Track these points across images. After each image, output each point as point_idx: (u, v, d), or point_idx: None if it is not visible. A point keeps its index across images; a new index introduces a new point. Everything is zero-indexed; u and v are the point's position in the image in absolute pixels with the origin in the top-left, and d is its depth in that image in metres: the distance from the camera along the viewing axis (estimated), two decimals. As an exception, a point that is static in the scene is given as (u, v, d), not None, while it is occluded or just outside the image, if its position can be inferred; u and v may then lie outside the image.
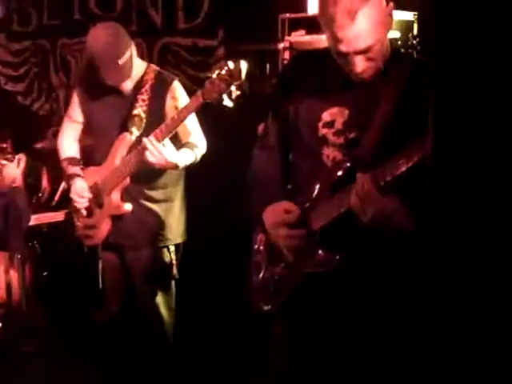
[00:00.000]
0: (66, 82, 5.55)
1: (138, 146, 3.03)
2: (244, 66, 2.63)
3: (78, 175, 3.27)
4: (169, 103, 3.13)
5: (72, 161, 3.34)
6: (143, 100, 3.11)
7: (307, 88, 2.09)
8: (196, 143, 3.15)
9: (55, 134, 3.95)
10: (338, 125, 2.01)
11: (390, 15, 1.95)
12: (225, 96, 2.69)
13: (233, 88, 2.67)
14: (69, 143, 3.37)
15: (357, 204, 1.86)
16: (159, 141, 2.91)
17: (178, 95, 3.15)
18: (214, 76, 2.70)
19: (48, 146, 4.59)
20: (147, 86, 3.13)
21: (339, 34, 1.87)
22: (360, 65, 1.92)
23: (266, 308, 2.14)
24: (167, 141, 2.95)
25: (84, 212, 3.26)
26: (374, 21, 1.86)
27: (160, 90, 3.13)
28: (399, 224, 1.86)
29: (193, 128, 3.16)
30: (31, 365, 3.93)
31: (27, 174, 4.49)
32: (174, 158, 2.98)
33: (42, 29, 5.57)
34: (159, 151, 2.90)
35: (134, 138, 3.11)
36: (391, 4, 1.95)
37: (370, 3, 1.85)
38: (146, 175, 3.15)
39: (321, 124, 2.03)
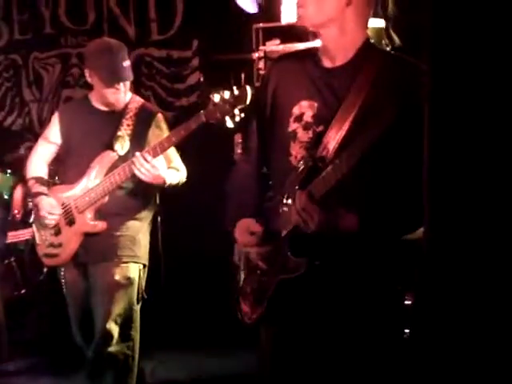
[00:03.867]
0: (38, 97, 5.49)
1: (122, 163, 3.07)
2: (249, 91, 2.70)
3: (45, 194, 3.24)
4: (153, 131, 3.21)
5: (38, 180, 3.31)
6: (128, 125, 3.19)
7: (282, 87, 2.12)
8: (179, 168, 3.26)
9: (28, 150, 3.91)
10: (308, 118, 2.03)
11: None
12: (227, 118, 2.76)
13: (236, 111, 2.73)
14: (38, 163, 3.36)
15: (297, 219, 1.92)
16: (153, 157, 2.98)
17: (163, 126, 3.25)
18: (218, 99, 2.76)
19: (20, 160, 4.54)
20: (132, 114, 3.21)
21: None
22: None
23: (250, 321, 2.15)
24: (160, 157, 3.03)
25: (51, 230, 3.22)
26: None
27: (145, 119, 3.22)
28: (342, 227, 1.92)
29: (174, 155, 3.25)
30: (11, 383, 3.87)
31: (2, 190, 4.42)
32: (163, 174, 3.07)
33: (13, 43, 5.52)
34: (152, 165, 2.97)
35: (117, 157, 3.14)
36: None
37: None
38: (126, 193, 3.17)
39: (292, 119, 2.05)
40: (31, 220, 3.44)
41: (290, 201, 2.01)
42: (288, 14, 3.85)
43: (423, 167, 1.12)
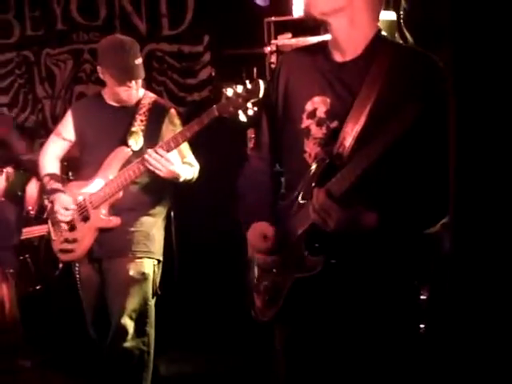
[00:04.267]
0: (51, 93, 5.51)
1: (136, 159, 3.09)
2: (262, 84, 2.69)
3: (61, 190, 3.26)
4: (166, 127, 3.22)
5: (53, 177, 3.33)
6: (141, 120, 3.20)
7: (293, 82, 2.09)
8: (192, 163, 3.27)
9: (42, 146, 3.93)
10: (321, 113, 2.00)
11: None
12: (240, 112, 2.76)
13: (249, 105, 2.71)
14: (50, 160, 3.37)
15: (316, 218, 1.88)
16: (167, 151, 3.00)
17: (176, 121, 3.26)
18: (230, 94, 2.76)
19: (36, 157, 4.55)
20: (145, 109, 3.23)
21: None
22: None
23: (264, 319, 2.14)
24: (173, 152, 3.05)
25: (65, 226, 3.23)
26: None
27: (158, 114, 3.23)
28: (361, 224, 1.88)
29: (187, 151, 3.27)
30: (28, 379, 3.89)
31: (16, 187, 4.44)
32: (177, 169, 3.09)
33: (25, 40, 5.53)
34: (166, 159, 3.00)
35: (131, 152, 3.16)
36: None
37: None
38: (140, 188, 3.18)
39: (305, 115, 2.03)
40: (46, 216, 3.45)
41: (305, 200, 1.97)
42: (299, 8, 3.83)
43: (450, 165, 1.10)
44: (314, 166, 1.97)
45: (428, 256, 2.00)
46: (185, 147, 3.22)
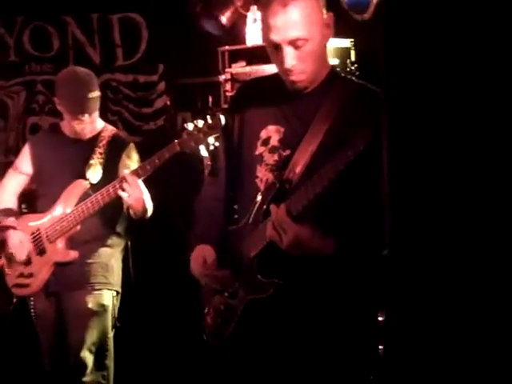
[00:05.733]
0: (4, 125, 5.44)
1: (94, 192, 3.07)
2: (223, 119, 2.71)
3: (13, 227, 3.20)
4: (123, 161, 3.21)
5: (7, 212, 3.27)
6: (100, 153, 3.19)
7: (250, 111, 2.15)
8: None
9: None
10: (274, 142, 2.07)
11: (328, 26, 2.02)
12: (202, 147, 2.76)
13: (210, 140, 2.72)
14: (7, 195, 3.33)
15: (273, 235, 1.92)
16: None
17: (133, 156, 3.26)
18: (191, 128, 2.76)
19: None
20: (104, 142, 3.22)
21: (271, 20, 1.96)
22: (290, 59, 1.96)
23: (215, 342, 2.16)
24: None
25: (20, 260, 3.17)
26: (306, 16, 1.95)
27: (117, 148, 3.22)
28: (316, 248, 1.94)
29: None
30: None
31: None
32: (146, 199, 3.05)
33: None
34: (137, 186, 2.96)
35: (89, 185, 3.14)
36: (330, 15, 2.02)
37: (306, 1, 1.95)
38: (97, 220, 3.16)
39: (259, 142, 2.09)
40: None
41: (256, 224, 2.03)
42: (253, 36, 3.88)
43: (383, 187, 1.16)
44: (264, 190, 2.03)
45: (383, 277, 2.03)
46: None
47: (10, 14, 5.16)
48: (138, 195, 2.99)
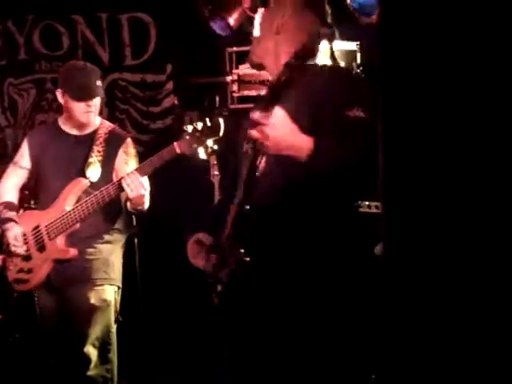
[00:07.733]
0: (13, 122, 5.48)
1: (94, 190, 3.09)
2: (222, 123, 2.74)
3: (13, 220, 3.22)
4: (120, 157, 3.22)
5: (8, 205, 3.29)
6: (98, 151, 3.20)
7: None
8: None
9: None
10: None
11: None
12: (200, 149, 2.78)
13: (209, 143, 2.73)
14: (8, 188, 3.34)
15: (256, 131, 2.05)
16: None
17: (130, 151, 3.27)
18: (190, 130, 2.78)
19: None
20: (102, 139, 3.22)
21: None
22: None
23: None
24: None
25: (21, 254, 3.20)
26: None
27: (114, 144, 3.23)
28: (296, 144, 2.03)
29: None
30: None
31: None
32: (146, 196, 3.09)
33: (-13, 70, 5.51)
34: (141, 183, 2.98)
35: (89, 183, 3.15)
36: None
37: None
38: (97, 217, 3.18)
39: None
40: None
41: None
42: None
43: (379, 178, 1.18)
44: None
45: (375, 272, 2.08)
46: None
47: (21, 12, 5.21)
48: (140, 192, 3.01)
